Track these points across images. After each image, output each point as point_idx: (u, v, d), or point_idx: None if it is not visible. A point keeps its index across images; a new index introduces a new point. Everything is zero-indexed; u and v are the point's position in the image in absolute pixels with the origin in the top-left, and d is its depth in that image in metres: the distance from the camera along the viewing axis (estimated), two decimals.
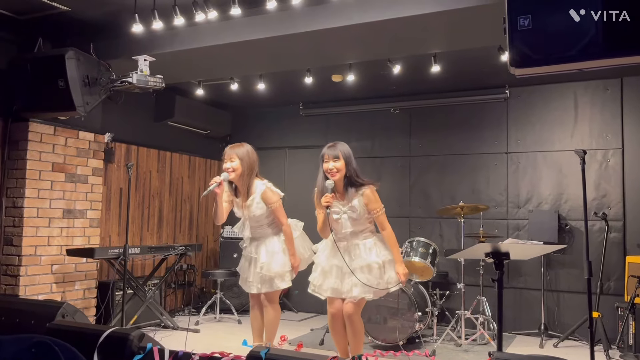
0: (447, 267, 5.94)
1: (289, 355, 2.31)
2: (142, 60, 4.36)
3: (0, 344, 1.21)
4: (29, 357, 1.18)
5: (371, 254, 3.62)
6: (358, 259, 3.62)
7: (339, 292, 3.66)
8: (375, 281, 3.58)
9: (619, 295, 5.07)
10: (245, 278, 4.10)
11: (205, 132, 6.96)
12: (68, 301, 4.07)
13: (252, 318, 4.17)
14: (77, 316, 3.36)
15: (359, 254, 3.64)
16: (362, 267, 3.60)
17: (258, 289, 4.00)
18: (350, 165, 3.58)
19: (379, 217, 3.62)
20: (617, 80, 5.45)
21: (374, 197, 3.60)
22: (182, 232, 6.76)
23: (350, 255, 3.65)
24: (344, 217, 3.63)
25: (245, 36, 4.08)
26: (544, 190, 5.69)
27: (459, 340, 4.94)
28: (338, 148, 3.59)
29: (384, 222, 3.64)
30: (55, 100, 4.28)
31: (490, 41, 4.15)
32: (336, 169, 3.56)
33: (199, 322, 5.86)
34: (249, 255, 4.09)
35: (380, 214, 3.61)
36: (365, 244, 3.66)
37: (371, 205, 3.59)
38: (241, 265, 4.17)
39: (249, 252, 4.09)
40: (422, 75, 5.30)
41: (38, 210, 4.77)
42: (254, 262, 4.03)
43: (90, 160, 5.24)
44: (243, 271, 4.13)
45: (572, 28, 2.62)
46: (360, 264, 3.61)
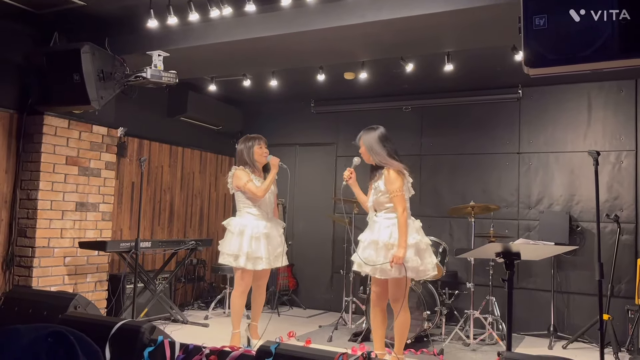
0: (457, 267, 5.93)
1: (298, 351, 2.32)
2: (156, 55, 4.40)
3: (17, 333, 1.23)
4: (46, 346, 1.20)
5: (384, 232, 3.81)
6: (371, 234, 3.87)
7: (362, 266, 3.92)
8: (378, 260, 3.77)
9: (630, 298, 5.03)
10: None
11: (217, 128, 6.99)
12: (80, 293, 4.12)
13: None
14: (89, 308, 3.40)
15: (374, 231, 3.87)
16: (370, 243, 3.85)
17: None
18: (372, 151, 3.94)
19: (394, 199, 3.81)
20: (632, 82, 5.40)
21: (391, 178, 3.82)
22: (192, 227, 6.80)
23: (370, 230, 3.93)
24: (372, 192, 3.95)
25: (259, 33, 4.09)
26: (555, 191, 5.66)
27: (467, 340, 4.94)
28: (359, 135, 4.05)
29: (397, 205, 3.79)
30: (70, 94, 4.32)
31: (504, 41, 4.13)
32: (362, 153, 4.05)
33: (208, 316, 5.89)
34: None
35: (395, 196, 3.79)
36: (382, 222, 3.87)
37: (387, 185, 3.83)
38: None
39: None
40: (434, 74, 5.29)
41: (52, 202, 4.82)
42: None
43: (103, 154, 5.29)
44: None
45: (588, 28, 2.60)
46: (370, 238, 3.86)
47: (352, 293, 5.64)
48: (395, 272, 3.73)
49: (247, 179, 4.36)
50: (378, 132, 3.98)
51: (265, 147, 4.52)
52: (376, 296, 4.01)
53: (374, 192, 3.93)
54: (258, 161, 4.49)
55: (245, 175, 4.38)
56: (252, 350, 2.43)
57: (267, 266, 4.36)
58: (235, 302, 4.40)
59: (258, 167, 4.51)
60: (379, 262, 3.75)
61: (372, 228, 3.93)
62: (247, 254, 4.26)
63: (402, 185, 3.81)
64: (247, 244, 4.27)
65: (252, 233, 4.31)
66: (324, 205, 6.75)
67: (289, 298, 6.72)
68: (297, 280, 6.86)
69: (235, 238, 4.33)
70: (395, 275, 3.75)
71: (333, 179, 6.77)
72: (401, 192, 3.78)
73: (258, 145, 4.49)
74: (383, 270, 3.76)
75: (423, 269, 3.84)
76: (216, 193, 7.20)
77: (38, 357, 1.19)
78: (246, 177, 4.37)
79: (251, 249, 4.26)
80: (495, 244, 3.00)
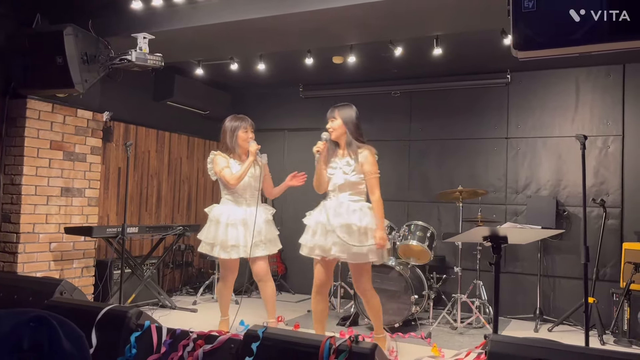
0: (445, 251, 5.96)
1: (285, 334, 2.32)
2: (141, 38, 4.32)
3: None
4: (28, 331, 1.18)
5: (354, 215, 3.65)
6: (339, 217, 3.66)
7: (325, 250, 3.72)
8: (352, 244, 3.62)
9: (615, 281, 5.10)
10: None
11: (205, 113, 6.92)
12: (66, 279, 4.08)
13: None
14: (75, 293, 3.36)
15: (341, 213, 3.67)
16: (342, 226, 3.64)
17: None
18: (349, 125, 3.74)
19: (371, 180, 3.68)
20: (620, 67, 5.41)
21: (371, 160, 3.69)
22: (180, 213, 6.76)
23: (336, 214, 3.69)
24: (338, 172, 3.74)
25: (246, 15, 4.03)
26: (542, 176, 5.69)
27: (454, 324, 4.98)
28: (336, 110, 3.81)
29: (374, 187, 3.68)
30: (53, 77, 4.24)
31: (493, 24, 4.10)
32: (332, 128, 3.78)
33: (197, 302, 5.89)
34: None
35: (372, 178, 3.68)
36: (350, 205, 3.70)
37: (366, 166, 3.68)
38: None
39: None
40: (423, 58, 5.26)
41: (36, 188, 4.76)
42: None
43: (88, 139, 5.22)
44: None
45: (576, 11, 2.59)
46: (340, 222, 3.64)
47: (340, 278, 5.65)
48: (376, 256, 3.67)
49: (223, 165, 4.15)
50: (355, 110, 3.82)
51: (251, 131, 4.28)
52: (325, 279, 3.82)
53: (339, 172, 3.72)
54: (241, 146, 4.24)
55: (223, 161, 4.18)
56: (239, 334, 2.42)
57: (244, 254, 4.10)
58: (217, 290, 4.38)
59: (238, 152, 4.25)
60: (354, 247, 3.60)
61: (336, 210, 3.69)
62: (221, 242, 4.10)
63: (378, 168, 3.72)
64: (223, 231, 4.10)
65: (228, 220, 4.12)
66: (312, 191, 6.70)
67: (278, 283, 6.72)
68: (286, 266, 6.87)
69: (212, 226, 4.19)
70: (375, 259, 3.70)
71: None
72: (378, 175, 3.70)
73: (244, 129, 4.24)
74: (358, 255, 3.63)
75: (383, 252, 3.81)
76: (204, 178, 7.15)
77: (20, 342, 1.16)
78: (223, 163, 4.17)
79: (225, 237, 4.09)
80: (482, 227, 3.00)
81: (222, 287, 4.38)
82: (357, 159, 3.69)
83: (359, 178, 3.71)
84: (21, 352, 1.10)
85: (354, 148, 3.72)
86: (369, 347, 2.09)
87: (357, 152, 3.70)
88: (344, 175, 3.71)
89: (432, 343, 4.43)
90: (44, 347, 1.12)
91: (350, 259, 3.69)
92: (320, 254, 3.76)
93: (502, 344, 2.11)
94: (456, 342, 4.58)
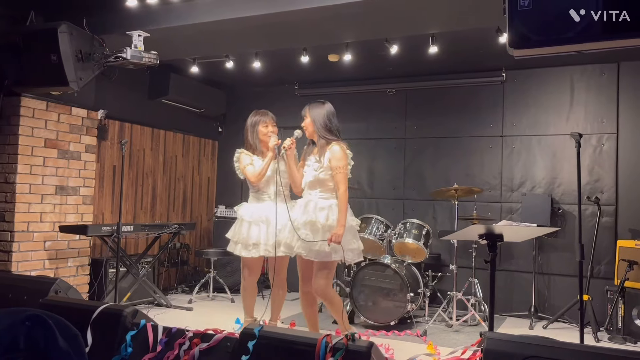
0: (440, 249, 5.97)
1: (282, 333, 2.32)
2: (136, 35, 4.29)
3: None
4: (23, 330, 1.17)
5: (320, 213, 3.62)
6: (305, 215, 3.65)
7: (290, 248, 3.76)
8: (315, 242, 3.58)
9: (609, 279, 5.12)
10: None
11: (200, 111, 6.90)
12: (61, 278, 4.06)
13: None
14: (70, 292, 3.35)
15: (308, 211, 3.66)
16: (306, 223, 3.64)
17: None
18: (317, 123, 3.73)
19: (337, 175, 3.62)
20: (614, 65, 5.43)
21: (339, 155, 3.64)
22: (175, 211, 6.74)
23: (304, 211, 3.69)
24: (309, 169, 3.73)
25: (242, 12, 4.02)
26: (537, 174, 5.71)
27: (450, 321, 4.99)
28: (307, 107, 3.82)
29: (340, 182, 3.61)
30: (48, 75, 4.21)
31: (488, 22, 4.11)
32: (304, 125, 3.82)
33: (192, 300, 5.87)
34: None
35: (339, 173, 3.61)
36: (318, 202, 3.67)
37: (334, 161, 3.63)
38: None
39: None
40: (419, 56, 5.26)
41: (30, 186, 4.73)
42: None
43: (83, 137, 5.20)
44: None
45: (572, 9, 2.59)
46: (305, 219, 3.64)
47: (336, 276, 5.65)
48: (336, 255, 3.58)
49: (247, 163, 4.09)
50: (327, 107, 3.79)
51: (271, 125, 4.18)
52: (307, 280, 3.78)
53: (311, 169, 3.72)
54: (262, 141, 4.12)
55: (247, 159, 4.11)
56: (235, 332, 2.42)
57: (265, 253, 4.01)
58: (241, 291, 4.26)
59: (260, 148, 4.14)
60: (317, 244, 3.57)
61: (305, 207, 3.69)
62: (243, 240, 4.04)
63: (347, 163, 3.67)
64: (246, 229, 4.05)
65: (251, 218, 4.06)
66: None
67: None
68: None
69: (237, 224, 4.14)
70: (336, 258, 3.60)
71: None
72: (346, 170, 3.64)
73: (263, 123, 4.15)
74: (320, 253, 3.58)
75: (359, 251, 3.76)
76: (199, 177, 7.14)
77: (16, 341, 1.16)
78: (247, 161, 4.10)
79: (247, 235, 4.03)
80: (478, 225, 3.01)
81: (243, 287, 4.24)
82: (324, 154, 3.67)
83: (327, 175, 3.66)
84: (17, 351, 1.10)
85: (322, 145, 3.71)
86: (365, 345, 2.09)
87: (325, 149, 3.68)
88: (313, 172, 3.71)
89: (428, 341, 4.44)
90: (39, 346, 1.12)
91: (313, 257, 3.63)
92: (285, 252, 3.83)
93: (497, 342, 2.11)
94: (452, 339, 4.60)
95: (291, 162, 3.85)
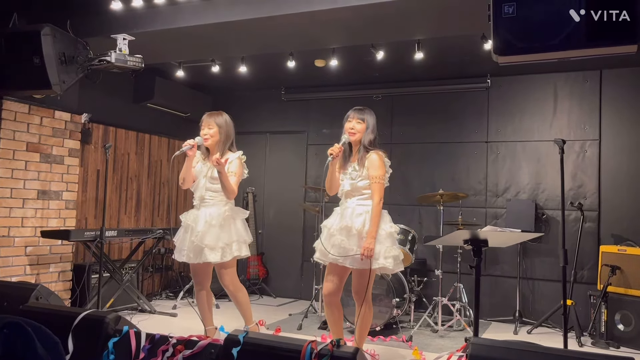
0: (426, 254, 5.99)
1: (266, 339, 2.30)
2: (121, 39, 4.25)
3: None
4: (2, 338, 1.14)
5: (357, 219, 3.51)
6: (342, 221, 3.54)
7: (324, 254, 3.58)
8: (350, 248, 3.47)
9: (592, 284, 5.17)
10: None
11: (185, 115, 6.86)
12: (42, 284, 4.00)
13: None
14: (51, 298, 3.31)
15: (345, 216, 3.55)
16: (342, 229, 3.52)
17: (189, 258, 3.90)
18: (368, 132, 3.62)
19: (374, 185, 3.52)
20: (597, 73, 5.51)
21: (377, 163, 3.54)
22: (160, 216, 6.69)
23: (341, 217, 3.58)
24: (347, 177, 3.63)
25: (228, 17, 4.01)
26: (522, 180, 5.76)
27: (435, 326, 5.00)
28: (366, 113, 3.66)
29: (375, 192, 3.51)
30: (30, 78, 4.14)
31: (473, 29, 4.14)
32: (355, 130, 3.62)
33: (177, 306, 5.82)
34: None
35: (376, 182, 3.51)
36: (356, 208, 3.56)
37: (371, 170, 3.53)
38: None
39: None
40: (405, 62, 5.29)
41: (12, 190, 4.66)
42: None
43: (66, 141, 5.14)
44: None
45: (556, 17, 2.63)
46: (341, 225, 3.53)
47: (322, 281, 5.64)
48: (376, 262, 3.46)
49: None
50: (375, 117, 3.70)
51: (207, 128, 4.00)
52: (333, 288, 3.62)
53: (350, 176, 3.61)
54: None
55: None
56: (219, 339, 2.40)
57: (186, 259, 3.89)
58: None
59: (202, 149, 4.08)
60: (352, 250, 3.47)
61: (342, 214, 3.59)
62: (177, 244, 3.99)
63: (385, 172, 3.60)
64: (180, 234, 4.00)
65: (184, 223, 4.00)
66: (294, 194, 6.72)
67: (259, 287, 6.69)
68: (267, 269, 6.83)
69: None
70: (376, 266, 3.46)
71: (304, 167, 6.74)
72: (383, 180, 3.56)
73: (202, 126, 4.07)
74: (355, 260, 3.45)
75: (400, 260, 3.61)
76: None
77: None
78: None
79: (178, 239, 3.99)
80: (463, 231, 3.02)
81: (196, 294, 4.14)
82: (364, 164, 3.57)
83: (365, 183, 3.56)
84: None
85: (363, 152, 3.60)
86: (351, 351, 2.08)
87: (364, 157, 3.58)
88: (350, 181, 3.60)
89: (414, 346, 4.44)
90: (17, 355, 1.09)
91: (351, 264, 3.49)
92: (319, 257, 3.65)
93: (482, 347, 2.12)
94: (437, 345, 4.60)
95: (335, 167, 3.67)
